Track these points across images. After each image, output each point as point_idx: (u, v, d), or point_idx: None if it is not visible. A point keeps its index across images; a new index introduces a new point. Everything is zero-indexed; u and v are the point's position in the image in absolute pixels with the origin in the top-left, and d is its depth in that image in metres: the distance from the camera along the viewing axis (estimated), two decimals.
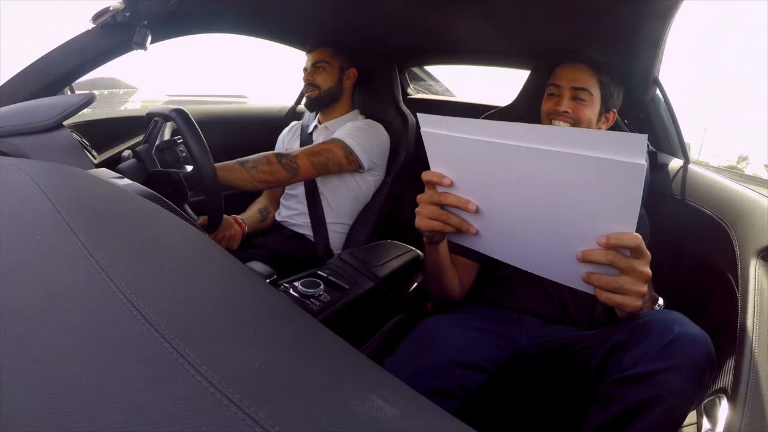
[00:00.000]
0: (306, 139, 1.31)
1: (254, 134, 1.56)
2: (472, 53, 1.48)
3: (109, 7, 0.94)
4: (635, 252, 0.49)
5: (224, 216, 1.09)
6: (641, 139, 0.41)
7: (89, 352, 0.24)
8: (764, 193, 0.85)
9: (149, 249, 0.38)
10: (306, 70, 1.26)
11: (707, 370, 0.53)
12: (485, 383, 0.70)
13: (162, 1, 0.95)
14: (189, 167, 0.87)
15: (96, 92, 0.81)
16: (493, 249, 0.61)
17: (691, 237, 0.94)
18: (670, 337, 0.54)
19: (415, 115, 1.29)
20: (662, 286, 0.85)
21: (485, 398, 0.70)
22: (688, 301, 0.83)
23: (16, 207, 0.42)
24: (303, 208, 1.23)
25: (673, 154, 1.16)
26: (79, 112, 0.77)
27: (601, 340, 0.64)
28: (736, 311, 0.60)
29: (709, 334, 0.55)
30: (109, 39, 0.98)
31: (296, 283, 0.88)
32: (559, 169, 0.47)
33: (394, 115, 1.30)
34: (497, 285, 0.88)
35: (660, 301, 0.69)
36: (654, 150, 1.11)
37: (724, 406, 0.50)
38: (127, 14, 0.93)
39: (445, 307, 0.88)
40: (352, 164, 1.16)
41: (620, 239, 0.48)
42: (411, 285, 1.09)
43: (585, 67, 0.89)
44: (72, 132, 0.80)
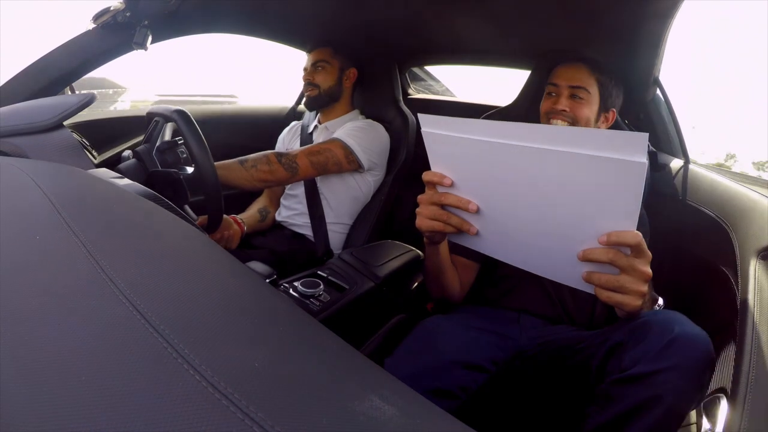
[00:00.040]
0: (306, 139, 1.30)
1: (255, 134, 1.55)
2: (472, 53, 1.47)
3: (110, 7, 0.94)
4: (636, 250, 0.49)
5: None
6: (642, 138, 0.41)
7: (89, 352, 0.24)
8: (764, 193, 0.85)
9: (149, 249, 0.38)
10: (306, 70, 1.26)
11: (707, 370, 0.53)
12: (485, 383, 0.70)
13: (162, 1, 0.95)
14: (190, 169, 0.87)
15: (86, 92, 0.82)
16: (494, 249, 0.61)
17: (692, 237, 0.94)
18: (669, 337, 0.54)
19: (416, 115, 1.29)
20: (662, 286, 0.85)
21: (485, 398, 0.70)
22: (688, 301, 0.83)
23: (16, 207, 0.42)
24: (303, 208, 1.23)
25: (674, 155, 1.16)
26: (79, 112, 0.77)
27: (601, 340, 0.64)
28: (736, 311, 0.60)
29: (709, 334, 0.55)
30: (110, 39, 0.98)
31: (296, 283, 0.88)
32: (560, 168, 0.47)
33: (395, 115, 1.30)
34: (497, 285, 0.88)
35: (660, 301, 0.69)
36: (654, 150, 1.10)
37: (723, 406, 0.50)
38: (128, 14, 0.93)
39: (445, 307, 0.88)
40: (352, 164, 1.16)
41: (621, 237, 0.48)
42: (411, 285, 1.09)
43: (583, 67, 0.90)
44: (72, 132, 0.80)
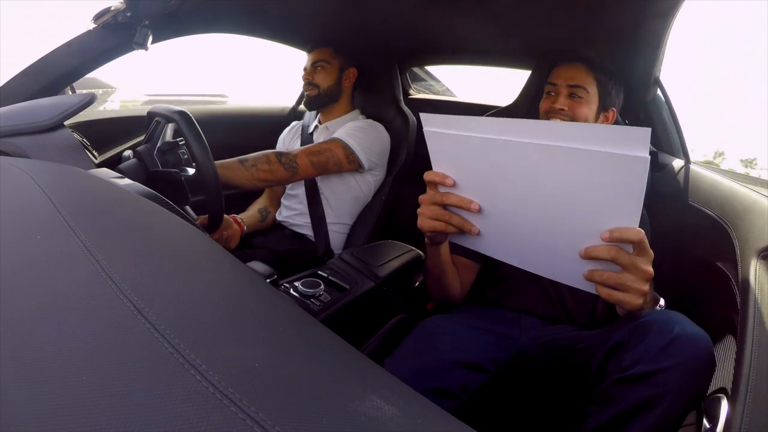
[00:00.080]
0: (307, 139, 1.30)
1: (255, 134, 1.55)
2: (472, 53, 1.48)
3: (110, 7, 0.94)
4: (638, 248, 0.49)
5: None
6: (645, 133, 0.41)
7: (89, 352, 0.24)
8: (764, 193, 0.85)
9: (150, 249, 0.38)
10: (306, 70, 1.26)
11: (707, 370, 0.53)
12: (485, 383, 0.70)
13: (163, 1, 0.95)
14: (191, 170, 0.87)
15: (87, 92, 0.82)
16: (495, 249, 0.61)
17: (692, 237, 0.94)
18: (670, 336, 0.54)
19: (416, 115, 1.29)
20: (663, 286, 0.85)
21: (485, 398, 0.70)
22: (688, 301, 0.83)
23: (16, 207, 0.42)
24: (303, 208, 1.23)
25: (674, 155, 1.16)
26: (79, 112, 0.77)
27: (601, 340, 0.64)
28: (737, 311, 0.60)
29: (709, 334, 0.55)
30: (110, 39, 0.98)
31: (296, 283, 0.88)
32: (563, 164, 0.47)
33: (395, 115, 1.30)
34: (497, 285, 0.88)
35: (661, 301, 0.69)
36: (655, 150, 1.10)
37: (724, 406, 0.50)
38: (128, 14, 0.93)
39: (446, 307, 0.88)
40: (353, 164, 1.16)
41: (624, 233, 0.48)
42: (411, 285, 1.09)
43: (582, 66, 0.90)
44: (73, 132, 0.80)
